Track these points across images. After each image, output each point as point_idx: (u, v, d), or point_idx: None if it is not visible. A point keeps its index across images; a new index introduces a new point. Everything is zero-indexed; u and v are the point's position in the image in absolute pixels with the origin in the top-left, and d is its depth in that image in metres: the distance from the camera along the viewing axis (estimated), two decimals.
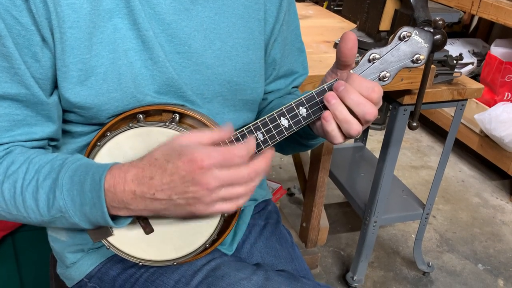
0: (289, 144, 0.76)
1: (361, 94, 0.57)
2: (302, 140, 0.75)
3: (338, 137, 0.60)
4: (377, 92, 0.57)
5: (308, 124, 0.63)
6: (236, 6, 0.70)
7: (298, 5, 1.73)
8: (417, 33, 0.59)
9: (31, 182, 0.59)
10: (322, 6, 1.99)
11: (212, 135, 0.57)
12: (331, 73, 0.64)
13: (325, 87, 0.60)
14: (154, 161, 0.55)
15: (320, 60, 1.24)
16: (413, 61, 0.59)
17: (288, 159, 2.39)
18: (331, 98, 0.58)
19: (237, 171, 0.54)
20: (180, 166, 0.52)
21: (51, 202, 0.58)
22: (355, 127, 0.58)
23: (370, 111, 0.57)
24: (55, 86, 0.62)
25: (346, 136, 0.60)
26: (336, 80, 0.60)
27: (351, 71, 0.60)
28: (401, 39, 0.59)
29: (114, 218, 0.59)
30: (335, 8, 1.97)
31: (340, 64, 0.61)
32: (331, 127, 0.59)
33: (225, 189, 0.54)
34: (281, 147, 0.81)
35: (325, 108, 0.59)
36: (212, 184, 0.53)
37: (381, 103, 0.59)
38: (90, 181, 0.56)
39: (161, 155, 0.55)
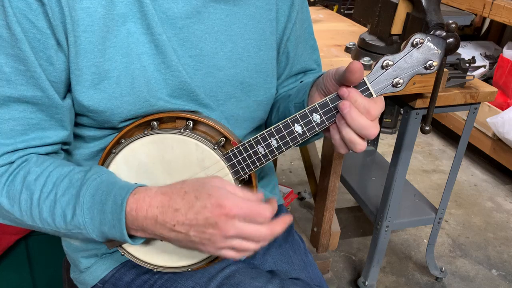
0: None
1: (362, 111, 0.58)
2: None
3: (342, 147, 0.62)
4: (380, 106, 0.59)
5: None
6: (247, 7, 0.70)
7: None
8: (430, 39, 0.58)
9: (49, 196, 0.59)
10: (332, 10, 1.98)
11: (247, 206, 0.56)
12: (332, 80, 0.63)
13: (338, 94, 0.60)
14: (184, 193, 0.56)
15: (331, 64, 1.24)
16: (426, 68, 0.59)
17: (298, 163, 2.38)
18: (345, 107, 0.58)
19: (257, 229, 0.56)
20: (207, 207, 0.54)
21: (70, 217, 0.58)
22: (359, 147, 0.60)
23: (373, 133, 0.59)
24: (68, 89, 0.63)
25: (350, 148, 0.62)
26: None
27: (365, 78, 0.60)
28: (414, 45, 0.59)
29: (131, 236, 0.60)
30: (345, 11, 1.97)
31: (343, 84, 0.60)
32: (337, 137, 0.61)
33: (240, 240, 0.56)
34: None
35: (339, 114, 0.60)
36: (230, 233, 0.55)
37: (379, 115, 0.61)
38: (112, 203, 0.57)
39: (192, 189, 0.56)
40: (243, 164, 0.64)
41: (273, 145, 0.62)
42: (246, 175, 0.65)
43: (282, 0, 0.75)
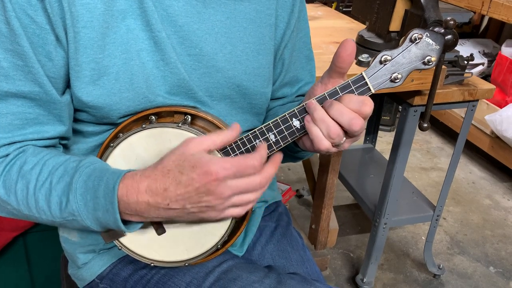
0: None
1: (352, 108, 0.57)
2: (291, 153, 0.75)
3: (322, 140, 0.59)
4: (369, 105, 0.57)
5: (295, 140, 0.63)
6: (247, 11, 0.70)
7: (307, 7, 1.73)
8: (428, 35, 0.59)
9: (44, 184, 0.59)
10: (331, 7, 1.98)
11: (221, 139, 0.58)
12: (320, 84, 0.62)
13: (337, 88, 0.60)
14: (167, 172, 0.55)
15: (329, 61, 1.23)
16: (424, 63, 0.60)
17: None
18: (310, 105, 0.59)
19: (250, 180, 0.55)
20: (194, 178, 0.54)
21: (64, 205, 0.58)
22: (333, 129, 0.57)
23: (355, 122, 0.56)
24: (67, 85, 0.63)
25: (330, 141, 0.59)
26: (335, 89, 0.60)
27: (363, 73, 0.60)
28: (412, 41, 0.59)
29: (126, 222, 0.60)
30: (344, 9, 1.97)
31: (334, 71, 0.60)
32: (314, 129, 0.59)
33: (237, 196, 0.56)
34: None
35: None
36: (226, 194, 0.54)
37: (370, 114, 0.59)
38: (104, 187, 0.57)
39: (174, 166, 0.55)
40: None
41: (271, 140, 0.62)
42: None
43: (282, 7, 0.75)
